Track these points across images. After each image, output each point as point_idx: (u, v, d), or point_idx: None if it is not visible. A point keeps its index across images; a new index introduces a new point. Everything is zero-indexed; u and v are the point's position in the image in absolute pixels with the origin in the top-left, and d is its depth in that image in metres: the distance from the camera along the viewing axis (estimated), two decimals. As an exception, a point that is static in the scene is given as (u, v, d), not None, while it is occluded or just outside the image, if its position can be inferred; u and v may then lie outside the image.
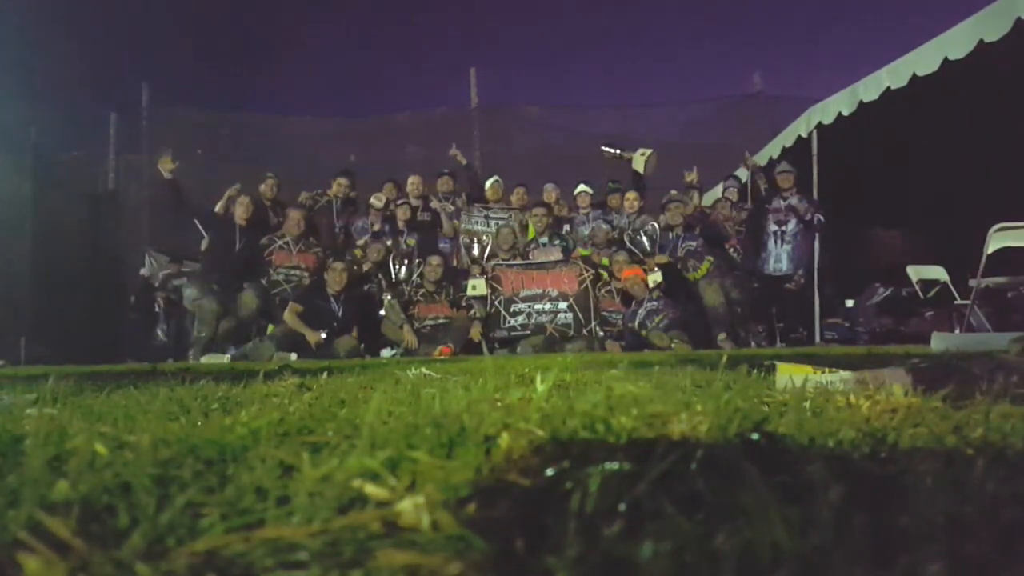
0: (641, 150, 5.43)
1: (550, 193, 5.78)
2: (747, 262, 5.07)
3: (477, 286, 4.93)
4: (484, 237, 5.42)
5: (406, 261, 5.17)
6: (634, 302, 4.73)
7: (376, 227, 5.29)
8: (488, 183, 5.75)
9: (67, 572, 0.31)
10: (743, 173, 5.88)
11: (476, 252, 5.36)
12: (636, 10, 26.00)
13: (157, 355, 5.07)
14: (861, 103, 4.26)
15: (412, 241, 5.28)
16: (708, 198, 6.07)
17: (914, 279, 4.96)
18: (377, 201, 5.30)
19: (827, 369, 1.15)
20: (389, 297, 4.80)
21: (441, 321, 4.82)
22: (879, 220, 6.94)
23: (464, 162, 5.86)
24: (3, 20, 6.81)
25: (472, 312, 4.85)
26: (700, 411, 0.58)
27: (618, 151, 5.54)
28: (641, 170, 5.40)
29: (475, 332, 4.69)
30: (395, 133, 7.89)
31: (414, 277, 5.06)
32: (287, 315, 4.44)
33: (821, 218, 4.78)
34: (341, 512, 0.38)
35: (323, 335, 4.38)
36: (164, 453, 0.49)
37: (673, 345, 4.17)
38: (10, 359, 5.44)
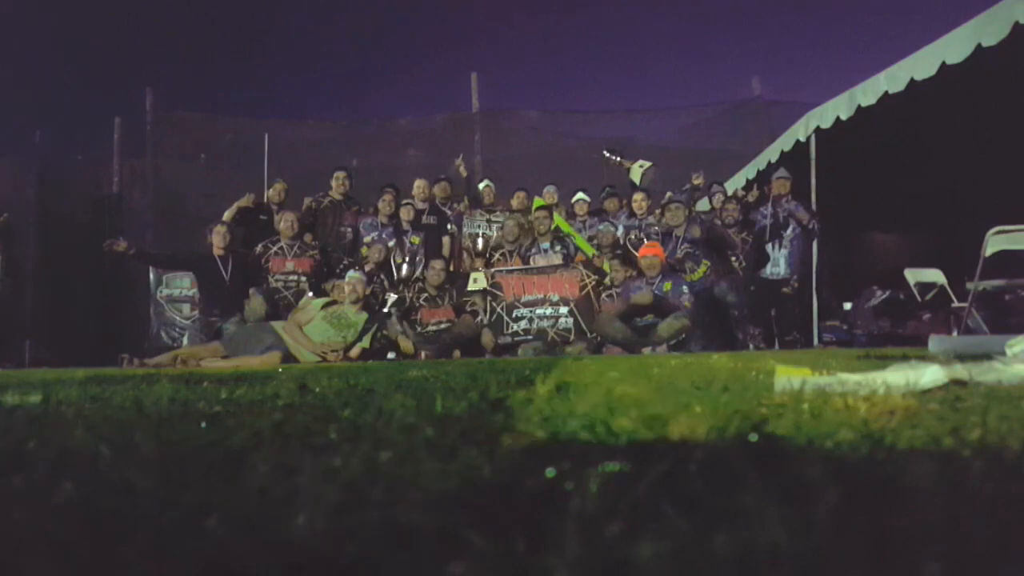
0: (640, 162, 5.43)
1: (552, 195, 5.79)
2: (749, 270, 5.08)
3: (478, 279, 4.91)
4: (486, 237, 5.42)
5: (408, 257, 5.16)
6: (641, 279, 4.71)
7: (384, 221, 5.30)
8: (480, 186, 5.73)
9: (71, 573, 0.32)
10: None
11: (480, 247, 5.33)
12: (636, 15, 26.12)
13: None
14: (859, 107, 4.26)
15: (416, 239, 5.26)
16: (698, 207, 6.06)
17: (912, 282, 4.96)
18: (385, 206, 5.31)
19: (825, 371, 1.16)
20: (393, 298, 4.78)
21: (444, 326, 4.82)
22: (877, 223, 6.94)
23: (465, 174, 5.82)
24: (9, 26, 6.87)
25: (472, 307, 4.84)
26: (699, 413, 0.58)
27: (619, 159, 5.55)
28: (637, 181, 5.41)
29: (487, 340, 4.69)
30: (396, 138, 7.89)
31: (417, 274, 5.05)
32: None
33: (817, 224, 4.83)
34: (343, 512, 0.38)
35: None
36: (169, 454, 0.49)
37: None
38: (14, 362, 5.44)
